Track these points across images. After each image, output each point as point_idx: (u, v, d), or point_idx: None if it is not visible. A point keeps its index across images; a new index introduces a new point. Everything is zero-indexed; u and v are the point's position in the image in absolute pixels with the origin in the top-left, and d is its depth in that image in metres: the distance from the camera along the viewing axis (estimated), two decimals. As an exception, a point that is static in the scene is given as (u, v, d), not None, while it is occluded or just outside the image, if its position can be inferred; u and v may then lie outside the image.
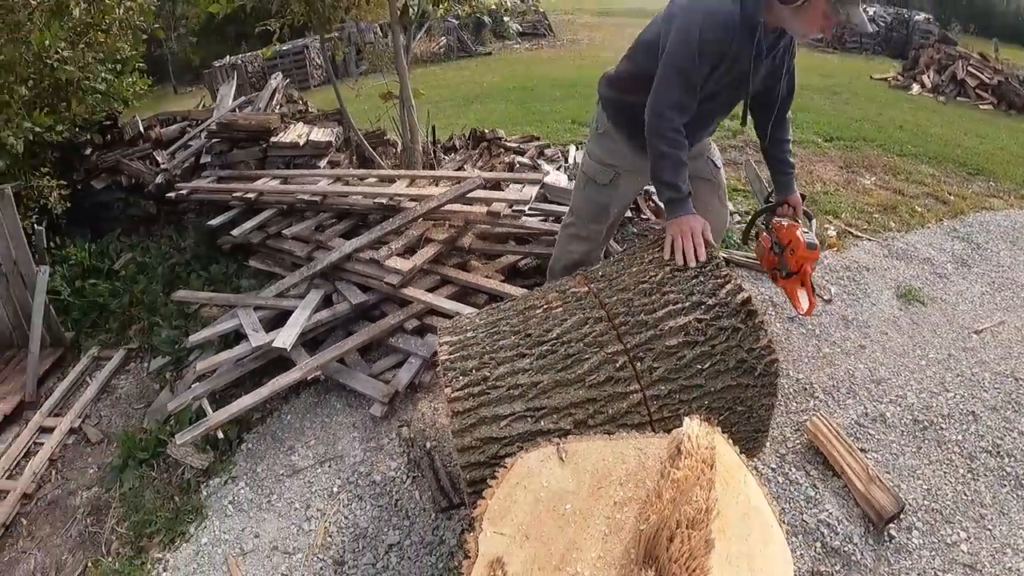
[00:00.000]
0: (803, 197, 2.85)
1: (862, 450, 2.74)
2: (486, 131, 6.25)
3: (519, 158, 5.51)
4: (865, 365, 3.30)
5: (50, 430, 3.79)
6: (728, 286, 2.07)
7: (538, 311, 2.21)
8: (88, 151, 5.56)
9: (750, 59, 2.23)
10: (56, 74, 4.85)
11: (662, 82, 2.24)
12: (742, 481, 1.65)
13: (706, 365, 2.02)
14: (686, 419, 1.70)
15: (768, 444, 2.72)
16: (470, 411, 1.97)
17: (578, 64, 14.22)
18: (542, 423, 1.96)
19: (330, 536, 2.65)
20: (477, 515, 1.57)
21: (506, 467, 1.68)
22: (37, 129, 4.71)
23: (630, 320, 2.08)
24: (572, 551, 1.51)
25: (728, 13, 2.11)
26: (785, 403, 3.04)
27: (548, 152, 5.90)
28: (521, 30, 18.74)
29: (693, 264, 2.17)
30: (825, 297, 3.86)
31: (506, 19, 17.22)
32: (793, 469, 2.69)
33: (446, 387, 2.03)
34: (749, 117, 2.63)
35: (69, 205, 5.13)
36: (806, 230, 2.72)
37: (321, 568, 2.53)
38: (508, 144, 6.01)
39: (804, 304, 2.72)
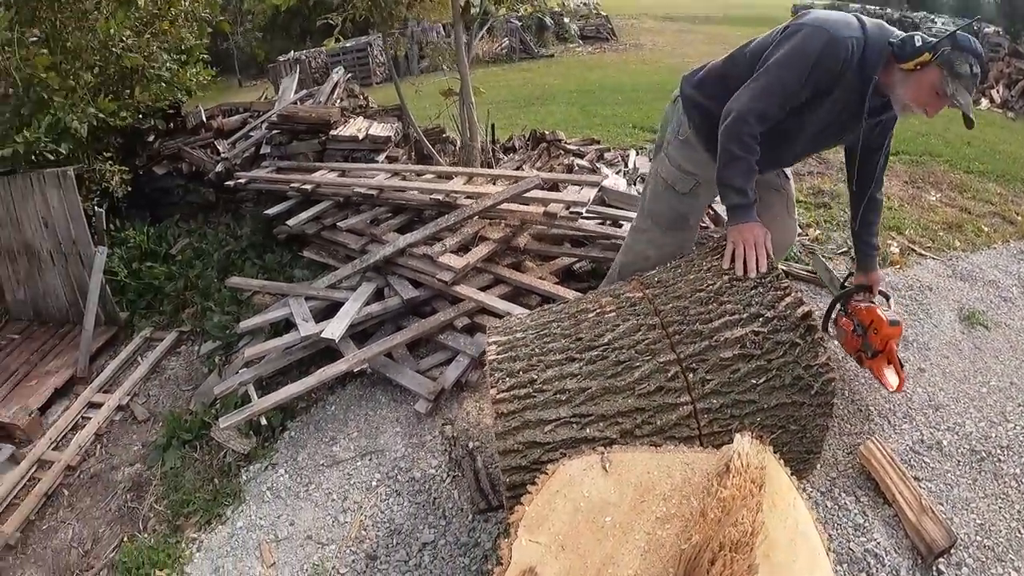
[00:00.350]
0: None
1: (916, 478, 2.60)
2: (546, 132, 6.21)
3: (578, 161, 5.45)
4: (923, 389, 3.16)
5: (98, 405, 3.90)
6: (788, 299, 2.00)
7: (591, 315, 2.17)
8: (151, 138, 5.73)
9: (862, 99, 2.17)
10: (121, 62, 5.00)
11: (760, 89, 2.16)
12: (791, 504, 1.58)
13: (761, 380, 1.94)
14: (737, 436, 1.63)
15: (819, 466, 2.63)
16: (515, 413, 1.94)
17: (640, 69, 14.08)
18: (588, 430, 1.91)
19: (365, 530, 2.65)
20: (514, 521, 1.54)
21: (547, 474, 1.64)
22: (101, 114, 4.84)
23: (684, 329, 2.02)
24: (609, 566, 1.46)
25: (852, 48, 2.07)
26: (839, 424, 2.93)
27: (608, 156, 5.82)
28: (579, 31, 18.63)
29: (753, 274, 2.11)
30: (885, 316, 3.74)
31: (566, 20, 17.12)
32: (843, 494, 2.57)
33: (492, 387, 2.00)
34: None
35: (130, 189, 5.27)
36: (885, 308, 2.68)
37: (353, 561, 2.53)
38: (568, 146, 5.95)
39: (894, 381, 2.66)
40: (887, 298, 2.87)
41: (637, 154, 5.91)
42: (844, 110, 2.23)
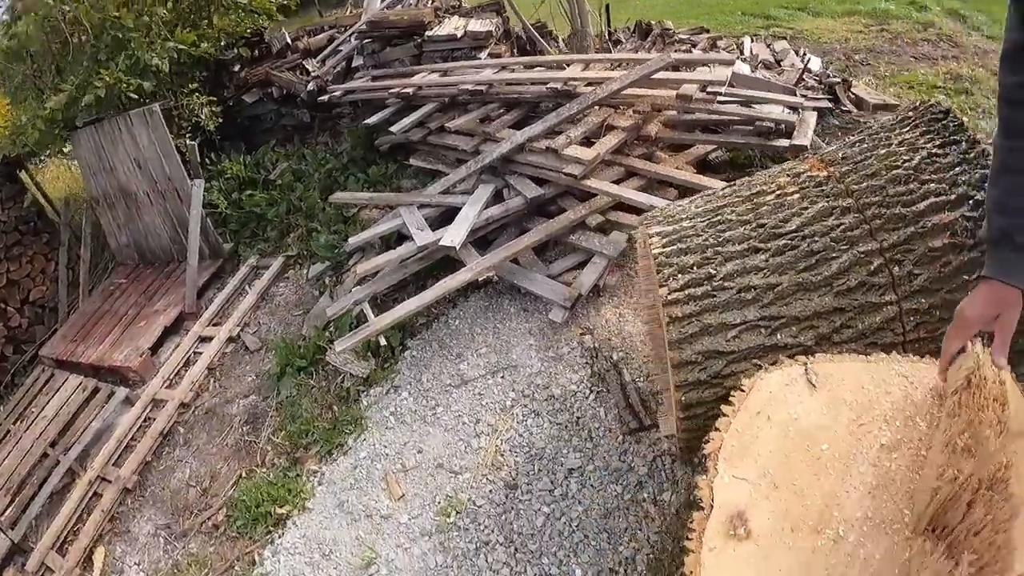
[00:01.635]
0: None
1: None
2: (652, 22, 5.73)
3: (694, 50, 5.00)
4: None
5: (209, 339, 3.86)
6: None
7: (769, 196, 1.80)
8: (237, 67, 5.65)
9: None
10: (194, -8, 4.87)
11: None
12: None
13: (974, 277, 1.52)
14: (969, 343, 1.24)
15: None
16: (691, 317, 1.63)
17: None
18: (778, 336, 1.59)
19: (502, 455, 2.42)
20: (711, 452, 1.24)
21: (744, 391, 1.33)
22: (181, 47, 4.78)
23: (885, 212, 1.63)
24: (832, 507, 1.16)
25: None
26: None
27: (721, 44, 5.34)
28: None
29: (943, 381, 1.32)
30: None
31: None
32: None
33: (661, 287, 1.69)
34: None
35: (222, 121, 5.22)
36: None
37: (491, 491, 2.31)
38: (679, 36, 5.50)
39: None
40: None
41: (752, 40, 5.44)
42: None
